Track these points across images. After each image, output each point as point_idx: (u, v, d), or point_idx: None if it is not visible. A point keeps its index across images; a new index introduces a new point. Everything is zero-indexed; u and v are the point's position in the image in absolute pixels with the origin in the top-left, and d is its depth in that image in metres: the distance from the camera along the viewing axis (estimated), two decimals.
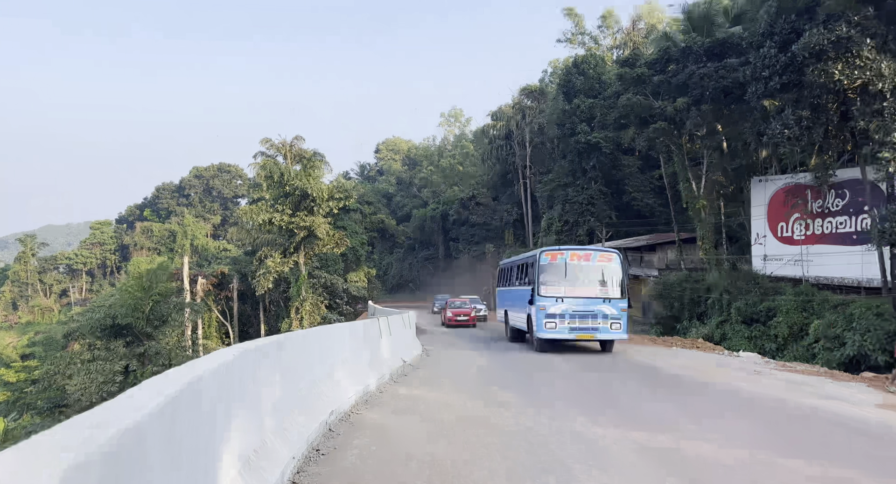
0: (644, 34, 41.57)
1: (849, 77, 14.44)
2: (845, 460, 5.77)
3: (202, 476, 3.33)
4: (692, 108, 23.36)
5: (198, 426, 3.30)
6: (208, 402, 3.52)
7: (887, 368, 14.33)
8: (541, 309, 14.90)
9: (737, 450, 6.10)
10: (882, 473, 5.35)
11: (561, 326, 14.77)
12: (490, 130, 50.87)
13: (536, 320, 15.10)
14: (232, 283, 39.79)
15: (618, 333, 14.87)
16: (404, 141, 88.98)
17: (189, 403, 3.16)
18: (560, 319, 14.77)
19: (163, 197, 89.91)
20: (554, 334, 14.91)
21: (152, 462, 2.62)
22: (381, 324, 12.29)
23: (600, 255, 15.58)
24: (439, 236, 62.93)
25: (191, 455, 3.18)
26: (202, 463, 3.37)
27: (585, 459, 5.72)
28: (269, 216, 34.10)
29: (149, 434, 2.59)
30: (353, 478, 5.15)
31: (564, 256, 15.40)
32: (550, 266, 15.31)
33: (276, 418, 5.32)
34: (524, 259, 18.32)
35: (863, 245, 18.02)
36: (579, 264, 15.30)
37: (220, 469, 3.61)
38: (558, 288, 15.02)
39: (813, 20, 15.93)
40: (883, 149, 13.77)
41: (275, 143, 38.06)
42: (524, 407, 8.58)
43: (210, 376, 3.57)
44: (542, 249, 15.99)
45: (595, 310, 14.76)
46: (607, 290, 15.08)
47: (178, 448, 2.99)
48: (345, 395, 8.20)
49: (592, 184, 36.95)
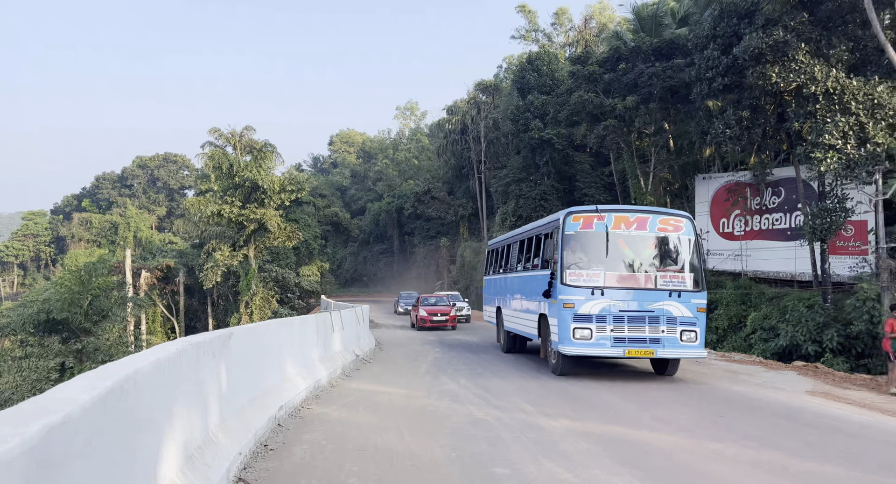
0: (596, 33, 42.45)
1: (785, 80, 15.16)
2: (776, 444, 6.10)
3: (140, 473, 3.22)
4: (641, 106, 24.02)
5: (135, 422, 3.18)
6: (147, 396, 3.40)
7: (816, 357, 15.22)
8: (566, 307, 9.60)
9: (677, 436, 6.36)
10: (809, 456, 5.68)
11: (600, 336, 9.49)
12: (445, 125, 50.92)
13: (559, 324, 9.78)
14: (178, 276, 38.47)
15: (691, 347, 9.61)
16: (359, 133, 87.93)
17: (125, 398, 3.04)
18: (599, 323, 9.52)
19: (103, 187, 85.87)
20: (588, 348, 9.57)
21: (84, 459, 2.51)
22: (334, 318, 12.16)
23: (663, 219, 10.20)
24: (394, 230, 62.64)
25: (128, 452, 3.07)
26: (141, 459, 3.25)
27: (530, 439, 5.82)
28: (218, 208, 33.11)
29: (80, 430, 2.48)
30: (302, 473, 5.08)
31: (605, 220, 9.93)
32: (583, 237, 9.99)
33: (222, 414, 5.19)
34: (534, 230, 12.40)
35: (796, 241, 19.01)
36: (630, 235, 9.96)
37: (159, 465, 3.49)
38: (595, 273, 9.74)
39: (753, 24, 16.63)
40: (815, 149, 14.53)
41: (224, 133, 36.95)
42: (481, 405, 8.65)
43: (149, 370, 3.45)
44: (568, 211, 10.30)
45: (656, 310, 9.58)
46: (675, 276, 9.86)
47: (114, 444, 2.88)
48: (295, 389, 8.08)
49: (546, 179, 37.53)
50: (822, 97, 14.64)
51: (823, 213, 15.14)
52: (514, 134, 39.70)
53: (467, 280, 44.20)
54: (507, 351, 14.35)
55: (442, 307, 23.31)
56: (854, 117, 14.11)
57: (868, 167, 13.76)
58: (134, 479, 3.09)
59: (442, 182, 57.02)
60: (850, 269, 16.80)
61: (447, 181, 56.10)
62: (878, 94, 13.93)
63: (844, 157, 14.03)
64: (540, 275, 11.04)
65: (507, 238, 15.10)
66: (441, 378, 10.54)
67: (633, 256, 10.04)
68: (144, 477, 3.24)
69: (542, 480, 4.85)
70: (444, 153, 52.02)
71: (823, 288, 17.16)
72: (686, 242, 10.20)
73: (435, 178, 58.66)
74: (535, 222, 13.01)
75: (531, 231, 12.64)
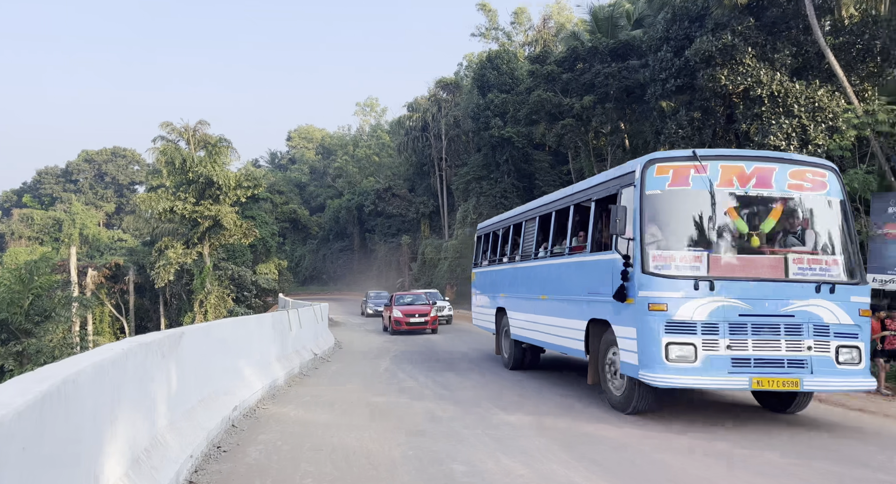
0: (554, 33, 43.02)
1: (733, 82, 15.71)
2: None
3: (81, 479, 3.09)
4: (598, 106, 24.49)
5: (76, 425, 3.05)
6: (89, 399, 3.26)
7: None
8: (653, 309, 6.21)
9: (629, 427, 6.50)
10: (759, 446, 5.89)
11: (710, 356, 6.12)
12: (406, 122, 50.72)
13: (640, 337, 6.32)
14: (128, 275, 37.09)
15: (853, 373, 6.23)
16: (318, 129, 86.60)
17: (65, 401, 2.90)
18: (707, 334, 6.16)
19: (46, 182, 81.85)
20: (690, 376, 6.11)
21: (20, 466, 2.39)
22: (291, 316, 11.96)
23: (796, 171, 6.70)
24: (355, 227, 62.04)
25: (68, 457, 2.94)
26: (82, 465, 3.12)
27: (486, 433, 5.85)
28: (171, 204, 32.05)
29: (15, 436, 2.36)
30: (257, 474, 4.98)
31: (709, 172, 6.49)
32: (673, 200, 6.60)
33: (172, 415, 5.04)
34: (576, 195, 8.50)
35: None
36: (747, 195, 6.58)
37: (102, 470, 3.36)
38: (695, 255, 6.39)
39: (703, 27, 17.17)
40: (761, 150, 15.14)
41: (176, 128, 35.78)
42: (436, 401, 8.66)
43: (91, 372, 3.31)
44: (649, 158, 6.70)
45: (796, 313, 6.24)
46: (820, 260, 6.56)
47: (52, 450, 2.75)
48: (250, 389, 7.92)
49: (506, 177, 37.87)
50: (767, 100, 15.25)
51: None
52: (474, 132, 39.88)
53: (429, 277, 44.21)
54: (515, 367, 10.75)
55: (420, 306, 20.18)
56: (797, 120, 14.76)
57: None
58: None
59: (403, 179, 56.79)
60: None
61: (408, 178, 55.93)
62: (818, 97, 14.59)
63: None
64: (591, 261, 7.50)
65: (516, 215, 11.18)
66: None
67: (752, 229, 6.47)
68: (85, 482, 3.11)
69: None
70: (405, 150, 51.84)
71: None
72: (833, 206, 6.63)
73: (396, 175, 58.38)
74: (579, 184, 8.64)
75: (568, 198, 8.72)
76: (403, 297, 21.74)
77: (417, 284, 46.02)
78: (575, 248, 8.31)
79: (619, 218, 6.46)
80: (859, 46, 15.01)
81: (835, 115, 14.44)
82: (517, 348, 10.80)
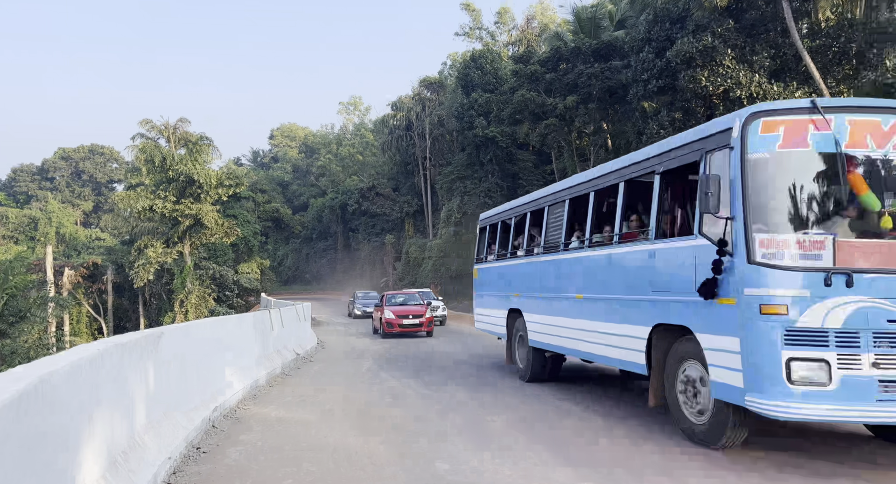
0: (537, 33, 43.22)
1: (713, 84, 15.95)
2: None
3: (58, 480, 3.02)
4: (581, 106, 24.65)
5: (51, 427, 2.98)
6: (65, 400, 3.20)
7: None
8: (767, 312, 4.65)
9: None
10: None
11: (853, 377, 4.48)
12: (390, 120, 50.57)
13: (747, 351, 4.73)
14: (106, 274, 36.47)
15: None
16: (301, 128, 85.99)
17: (39, 402, 2.84)
18: (844, 347, 4.54)
19: (21, 179, 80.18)
20: (821, 405, 4.46)
21: None
22: (273, 316, 11.86)
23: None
24: (338, 227, 61.70)
25: (42, 459, 2.88)
26: (57, 467, 3.06)
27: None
28: (150, 203, 31.59)
29: None
30: (237, 475, 4.93)
31: (833, 128, 4.83)
32: (786, 165, 5.00)
33: (151, 417, 4.96)
34: (639, 165, 6.62)
35: None
36: (886, 159, 4.92)
37: (78, 473, 3.29)
38: (817, 240, 4.70)
39: (684, 29, 17.39)
40: None
41: (156, 125, 35.31)
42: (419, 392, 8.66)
43: (67, 372, 3.24)
44: (751, 111, 5.04)
45: None
46: None
47: (26, 452, 2.69)
48: (231, 390, 7.84)
49: (490, 177, 37.96)
50: (746, 101, 15.49)
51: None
52: (458, 131, 39.92)
53: (413, 277, 44.14)
54: (534, 379, 9.22)
55: (414, 307, 18.68)
56: None
57: None
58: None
59: (387, 178, 56.63)
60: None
61: (392, 177, 55.78)
62: (795, 99, 14.89)
63: None
64: (660, 250, 5.94)
65: (535, 200, 9.49)
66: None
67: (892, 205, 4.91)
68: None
69: None
70: (389, 149, 51.70)
71: None
72: None
73: (380, 174, 58.20)
74: (632, 156, 6.84)
75: (615, 174, 7.02)
76: (395, 296, 20.08)
77: (402, 283, 45.93)
78: (627, 235, 6.72)
79: (709, 191, 4.87)
80: (835, 49, 15.31)
81: None
82: (537, 357, 9.09)
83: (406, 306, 18.80)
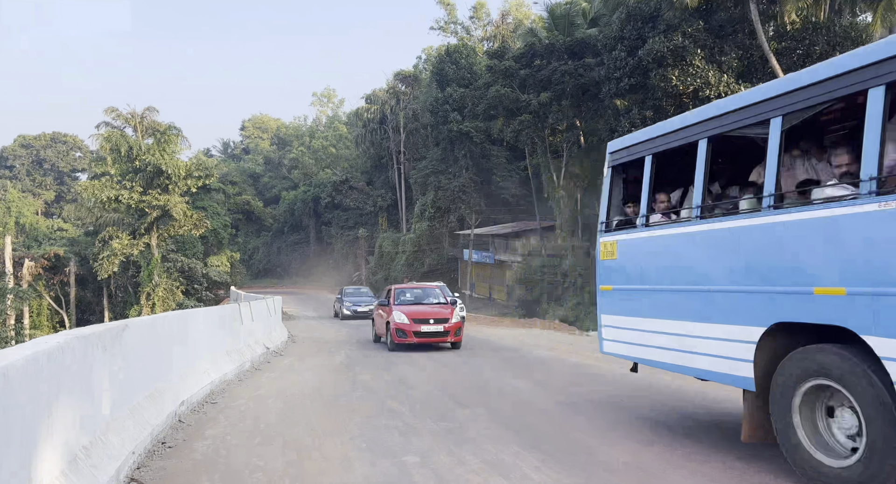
0: (512, 29, 43.37)
1: (683, 83, 16.27)
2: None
3: (12, 479, 2.94)
4: (554, 103, 24.85)
5: (6, 422, 2.89)
6: (21, 394, 3.10)
7: None
8: None
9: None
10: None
11: None
12: (364, 114, 50.17)
13: None
14: (69, 266, 35.40)
15: None
16: (273, 119, 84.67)
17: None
18: None
19: None
20: None
21: None
22: (242, 309, 11.70)
23: None
24: (311, 220, 61.06)
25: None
26: (12, 464, 2.97)
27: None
28: (116, 193, 30.75)
29: None
30: (203, 470, 4.86)
31: None
32: None
33: (115, 411, 4.85)
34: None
35: None
36: None
37: (36, 469, 3.20)
38: None
39: (655, 29, 17.67)
40: None
41: (122, 114, 34.33)
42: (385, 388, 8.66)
43: (23, 365, 3.14)
44: None
45: None
46: None
47: None
48: (199, 384, 7.72)
49: (464, 172, 38.02)
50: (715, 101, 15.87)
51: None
52: (433, 126, 39.85)
53: (386, 271, 44.00)
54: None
55: (434, 308, 13.74)
56: None
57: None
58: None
59: (360, 172, 56.23)
60: None
61: (366, 171, 55.41)
62: None
63: None
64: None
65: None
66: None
67: None
68: (17, 483, 2.96)
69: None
70: (363, 142, 51.31)
71: None
72: None
73: (353, 167, 57.75)
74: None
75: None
76: (404, 291, 14.75)
77: (375, 277, 45.75)
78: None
79: None
80: (800, 52, 15.75)
81: None
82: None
83: (424, 307, 13.79)
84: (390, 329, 13.26)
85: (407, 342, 13.02)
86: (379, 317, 14.73)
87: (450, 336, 13.11)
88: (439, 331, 13.04)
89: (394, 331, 13.11)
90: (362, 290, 27.73)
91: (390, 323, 13.30)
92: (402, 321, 13.06)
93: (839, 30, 15.36)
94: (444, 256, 41.09)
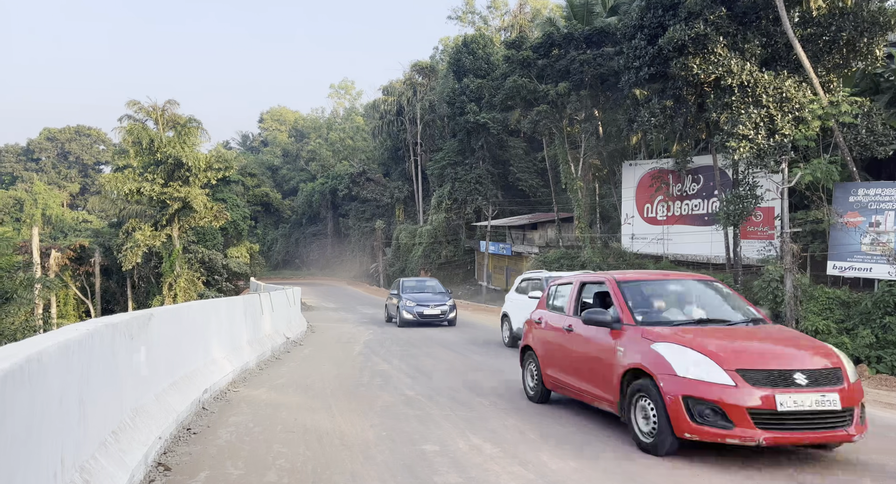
0: (530, 18, 42.91)
1: (705, 72, 15.93)
2: None
3: (46, 460, 3.04)
4: (572, 93, 24.56)
5: (40, 406, 2.99)
6: (54, 379, 3.20)
7: None
8: None
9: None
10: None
11: None
12: (381, 105, 50.18)
13: None
14: (94, 257, 36.12)
15: None
16: (291, 111, 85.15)
17: (28, 381, 2.84)
18: None
19: (5, 160, 78.95)
20: None
21: None
22: (263, 300, 11.86)
23: None
24: (328, 212, 61.44)
25: (31, 439, 2.89)
26: (46, 446, 3.07)
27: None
28: (138, 186, 31.23)
29: None
30: (227, 455, 4.96)
31: None
32: None
33: (141, 398, 4.97)
34: None
35: (712, 225, 20.21)
36: None
37: (68, 452, 3.31)
38: None
39: (676, 16, 17.31)
40: (730, 139, 15.42)
41: (144, 107, 34.73)
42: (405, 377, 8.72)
43: (56, 352, 3.24)
44: None
45: None
46: None
47: (14, 431, 2.70)
48: (221, 372, 7.85)
49: (481, 163, 37.89)
50: (737, 90, 15.52)
51: (736, 199, 16.14)
52: (449, 117, 39.69)
53: (402, 262, 44.16)
54: None
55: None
56: (765, 109, 15.07)
57: (776, 157, 14.77)
58: (39, 467, 2.92)
59: (377, 164, 56.33)
60: (759, 252, 18.06)
61: (383, 163, 55.49)
62: (786, 88, 14.91)
63: (755, 147, 15.00)
64: None
65: None
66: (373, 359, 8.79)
67: None
68: (51, 464, 3.06)
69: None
70: (380, 134, 51.37)
71: (735, 270, 18.39)
72: None
73: (370, 159, 57.86)
74: None
75: None
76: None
77: (392, 269, 45.95)
78: None
79: None
80: (826, 38, 15.35)
81: (801, 106, 14.78)
82: None
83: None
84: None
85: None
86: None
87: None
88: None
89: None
90: (428, 283, 19.43)
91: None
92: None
93: (867, 15, 14.92)
94: (461, 247, 41.09)
